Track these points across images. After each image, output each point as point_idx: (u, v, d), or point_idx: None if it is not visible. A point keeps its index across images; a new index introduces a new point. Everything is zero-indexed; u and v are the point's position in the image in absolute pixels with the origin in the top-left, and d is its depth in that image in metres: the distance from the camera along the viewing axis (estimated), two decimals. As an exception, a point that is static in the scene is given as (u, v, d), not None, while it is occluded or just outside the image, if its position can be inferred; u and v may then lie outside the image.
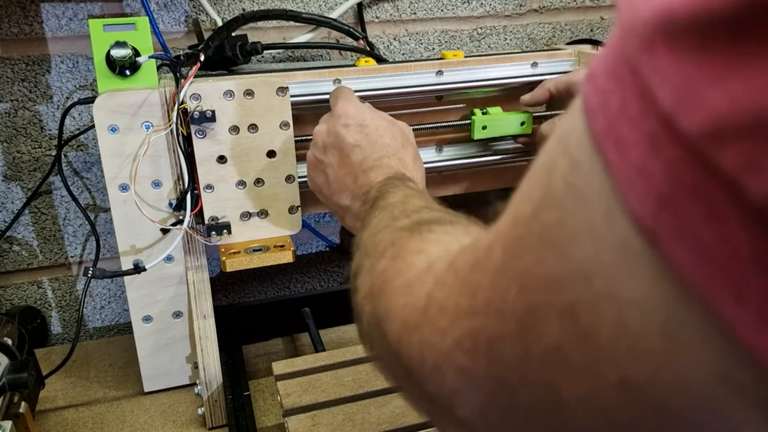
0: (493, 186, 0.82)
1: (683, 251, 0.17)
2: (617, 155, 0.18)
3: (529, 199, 0.22)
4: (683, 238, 0.17)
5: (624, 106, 0.18)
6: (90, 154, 0.82)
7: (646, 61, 0.17)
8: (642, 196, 0.17)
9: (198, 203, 0.66)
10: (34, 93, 0.78)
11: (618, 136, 0.18)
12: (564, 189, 0.20)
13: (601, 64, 0.20)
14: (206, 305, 0.68)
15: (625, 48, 0.18)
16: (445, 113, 0.78)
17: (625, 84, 0.18)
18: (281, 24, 0.84)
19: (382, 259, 0.35)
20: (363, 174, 0.53)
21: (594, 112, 0.19)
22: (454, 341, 0.25)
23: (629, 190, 0.18)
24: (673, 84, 0.16)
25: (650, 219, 0.17)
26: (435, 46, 0.91)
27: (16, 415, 0.57)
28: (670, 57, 0.16)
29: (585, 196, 0.19)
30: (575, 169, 0.20)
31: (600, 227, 0.19)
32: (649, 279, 0.18)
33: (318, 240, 0.94)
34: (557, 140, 0.22)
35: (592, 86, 0.20)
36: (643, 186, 0.17)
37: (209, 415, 0.68)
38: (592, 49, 0.79)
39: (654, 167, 0.17)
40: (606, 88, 0.19)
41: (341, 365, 0.68)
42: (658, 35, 0.17)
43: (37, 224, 0.82)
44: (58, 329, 0.88)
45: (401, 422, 0.60)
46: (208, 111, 0.63)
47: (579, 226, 0.20)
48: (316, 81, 0.69)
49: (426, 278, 0.29)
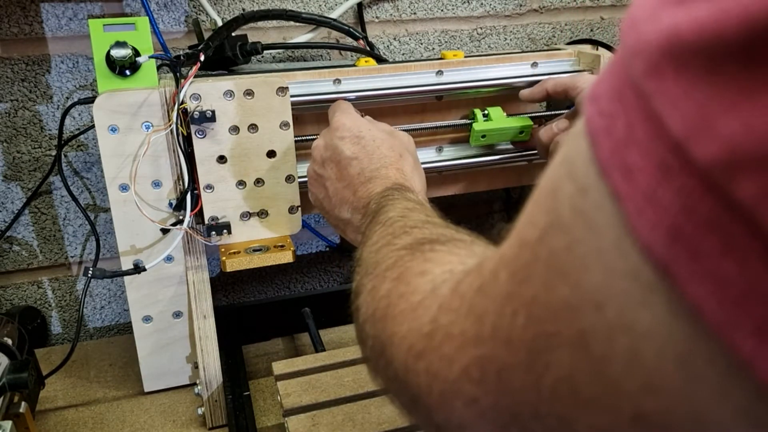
0: (493, 186, 0.82)
1: (698, 286, 0.16)
2: (624, 183, 0.17)
3: (534, 223, 0.22)
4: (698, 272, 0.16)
5: (630, 130, 0.17)
6: (90, 154, 0.82)
7: (654, 85, 0.17)
8: (652, 225, 0.17)
9: (198, 203, 0.66)
10: (34, 93, 0.78)
11: (625, 163, 0.17)
12: (571, 214, 0.20)
13: (604, 85, 0.19)
14: (206, 305, 0.68)
15: (630, 71, 0.18)
16: (445, 113, 0.78)
17: (631, 108, 0.17)
18: (281, 24, 0.84)
19: (385, 281, 0.34)
20: (362, 186, 0.53)
21: (598, 136, 0.19)
22: (461, 370, 0.24)
23: (638, 219, 0.17)
24: (684, 110, 0.16)
25: (662, 250, 0.17)
26: (435, 46, 0.91)
27: (16, 415, 0.57)
28: (679, 82, 0.16)
29: (593, 223, 0.19)
30: (582, 194, 0.19)
31: (610, 255, 0.18)
32: (664, 310, 0.17)
33: (318, 240, 0.94)
34: (561, 163, 0.21)
35: (596, 109, 0.19)
36: (654, 215, 0.17)
37: (209, 415, 0.68)
38: (592, 49, 0.79)
39: (664, 196, 0.16)
40: (610, 111, 0.18)
41: (341, 365, 0.68)
42: (666, 59, 0.16)
43: (37, 224, 0.82)
44: (58, 329, 0.88)
45: (401, 422, 0.60)
46: (208, 111, 0.63)
47: (588, 252, 0.19)
48: (316, 81, 0.69)
49: (431, 302, 0.28)
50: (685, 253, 0.16)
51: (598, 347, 0.19)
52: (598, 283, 0.19)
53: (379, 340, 0.32)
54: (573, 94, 0.69)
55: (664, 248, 0.16)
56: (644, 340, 0.18)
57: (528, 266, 0.21)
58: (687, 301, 0.16)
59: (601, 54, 0.75)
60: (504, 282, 0.23)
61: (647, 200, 0.17)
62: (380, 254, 0.38)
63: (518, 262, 0.22)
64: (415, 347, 0.28)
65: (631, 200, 0.17)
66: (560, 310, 0.20)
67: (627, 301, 0.18)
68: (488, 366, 0.23)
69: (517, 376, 0.22)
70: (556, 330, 0.20)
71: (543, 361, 0.21)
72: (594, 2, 0.96)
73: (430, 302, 0.28)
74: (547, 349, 0.20)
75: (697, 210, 0.16)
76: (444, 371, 0.25)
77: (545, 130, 0.72)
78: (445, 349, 0.25)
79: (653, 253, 0.17)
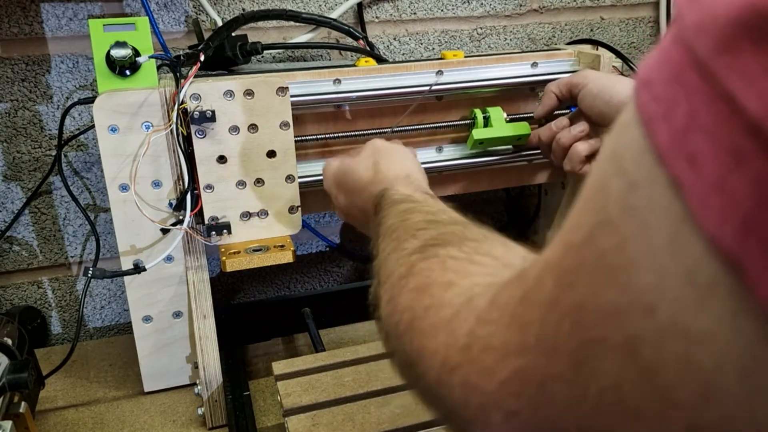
0: (493, 186, 0.82)
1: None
2: (689, 171, 0.16)
3: (581, 224, 0.20)
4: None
5: (694, 115, 0.16)
6: (90, 154, 0.82)
7: (726, 63, 0.15)
8: (721, 216, 0.15)
9: (198, 203, 0.66)
10: (34, 93, 0.78)
11: (689, 150, 0.16)
12: (621, 212, 0.18)
13: (657, 69, 0.18)
14: (206, 305, 0.68)
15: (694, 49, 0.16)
16: (445, 113, 0.78)
17: (695, 90, 0.16)
18: (281, 24, 0.84)
19: (403, 292, 0.33)
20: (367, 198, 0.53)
21: (655, 124, 0.17)
22: (500, 382, 0.23)
23: (705, 211, 0.16)
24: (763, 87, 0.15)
25: (732, 243, 0.15)
26: (435, 46, 0.91)
27: (16, 415, 0.57)
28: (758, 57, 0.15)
29: (646, 220, 0.18)
30: (633, 189, 0.18)
31: (664, 253, 0.17)
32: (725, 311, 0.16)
33: (318, 240, 0.94)
34: (608, 159, 0.20)
35: (649, 95, 0.18)
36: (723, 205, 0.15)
37: (209, 415, 0.68)
38: (592, 49, 0.79)
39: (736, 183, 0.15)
40: (668, 96, 0.17)
41: (341, 365, 0.68)
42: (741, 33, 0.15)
43: (37, 224, 0.82)
44: (58, 329, 0.88)
45: (401, 422, 0.60)
46: (208, 111, 0.63)
47: (640, 252, 0.18)
48: (316, 81, 0.69)
49: (466, 315, 0.27)
50: (760, 246, 0.15)
51: (648, 354, 0.18)
52: (650, 285, 0.17)
53: (406, 354, 0.31)
54: (576, 91, 0.69)
55: (735, 241, 0.15)
56: (700, 344, 0.17)
57: (574, 270, 0.20)
58: (755, 300, 0.15)
59: (601, 54, 0.75)
60: (549, 289, 0.21)
61: (716, 189, 0.16)
62: (390, 262, 0.37)
63: (564, 267, 0.21)
64: (450, 361, 0.27)
65: (695, 190, 0.16)
66: (608, 315, 0.19)
67: (681, 303, 0.17)
68: (530, 377, 0.22)
69: (560, 387, 0.21)
70: (602, 336, 0.19)
71: (588, 371, 0.19)
72: (594, 2, 0.96)
73: (465, 315, 0.27)
74: (593, 358, 0.19)
75: None
76: (483, 384, 0.24)
77: (544, 129, 0.72)
78: (485, 362, 0.24)
79: (721, 247, 0.16)
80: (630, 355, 0.18)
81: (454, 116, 0.78)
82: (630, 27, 0.99)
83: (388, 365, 0.68)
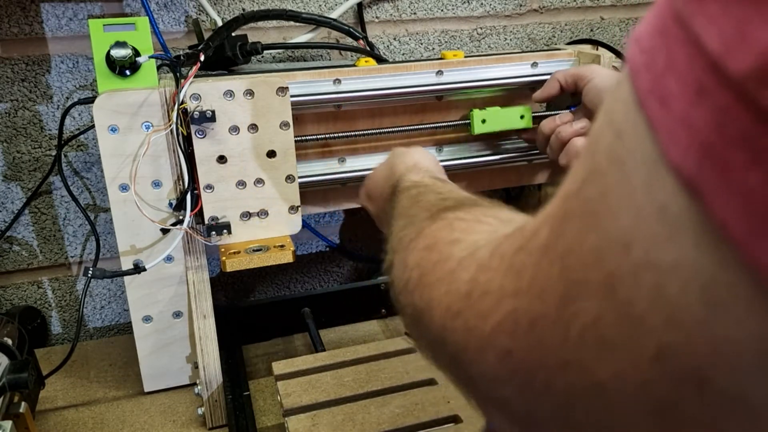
0: (493, 186, 0.82)
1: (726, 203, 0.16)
2: (660, 110, 0.17)
3: (575, 178, 0.22)
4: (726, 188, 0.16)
5: (671, 60, 0.17)
6: (90, 154, 0.82)
7: (694, 7, 0.17)
8: (685, 148, 0.17)
9: (198, 203, 0.66)
10: (34, 93, 0.78)
11: (662, 92, 0.17)
12: (606, 161, 0.20)
13: (646, 25, 0.19)
14: (206, 305, 0.68)
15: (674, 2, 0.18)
16: (445, 113, 0.78)
17: (672, 38, 0.17)
18: (281, 24, 0.84)
19: (413, 252, 0.35)
20: None
21: (639, 72, 0.19)
22: (495, 323, 0.25)
23: (672, 144, 0.17)
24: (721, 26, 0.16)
25: (693, 171, 0.16)
26: (435, 46, 0.91)
27: (16, 415, 0.57)
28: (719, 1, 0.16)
29: (626, 165, 0.19)
30: (618, 138, 0.19)
31: (640, 194, 0.18)
32: (690, 241, 0.17)
33: (318, 240, 0.94)
34: (602, 113, 0.21)
35: (637, 48, 0.19)
36: (686, 137, 0.16)
37: (209, 415, 0.68)
38: (592, 49, 0.79)
39: (698, 116, 0.16)
40: (652, 46, 0.18)
41: (341, 365, 0.68)
42: None
43: (37, 224, 0.82)
44: (58, 329, 0.88)
45: (401, 422, 0.60)
46: (208, 111, 0.63)
47: (619, 196, 0.19)
48: (316, 81, 0.69)
49: (469, 264, 0.29)
50: (713, 168, 0.16)
51: (623, 289, 0.19)
52: (627, 226, 0.19)
53: (416, 308, 0.32)
54: (582, 84, 0.69)
55: (694, 168, 0.16)
56: (670, 275, 0.18)
57: (565, 218, 0.22)
58: (713, 222, 0.16)
59: (601, 54, 0.75)
60: (544, 237, 0.23)
61: (681, 123, 0.17)
62: (403, 232, 0.39)
63: (557, 216, 0.22)
64: (453, 307, 0.28)
65: (664, 126, 0.17)
66: (589, 257, 0.20)
67: (654, 237, 0.18)
68: (521, 318, 0.23)
69: (547, 326, 0.22)
70: (584, 278, 0.20)
71: (571, 310, 0.21)
72: (594, 2, 0.96)
73: (467, 263, 0.29)
74: (576, 298, 0.20)
75: (728, 125, 0.15)
76: (480, 326, 0.26)
77: (547, 121, 0.72)
78: (482, 305, 0.26)
79: (683, 176, 0.17)
80: (607, 292, 0.19)
81: (454, 116, 0.78)
82: (630, 27, 0.99)
83: (388, 365, 0.69)
